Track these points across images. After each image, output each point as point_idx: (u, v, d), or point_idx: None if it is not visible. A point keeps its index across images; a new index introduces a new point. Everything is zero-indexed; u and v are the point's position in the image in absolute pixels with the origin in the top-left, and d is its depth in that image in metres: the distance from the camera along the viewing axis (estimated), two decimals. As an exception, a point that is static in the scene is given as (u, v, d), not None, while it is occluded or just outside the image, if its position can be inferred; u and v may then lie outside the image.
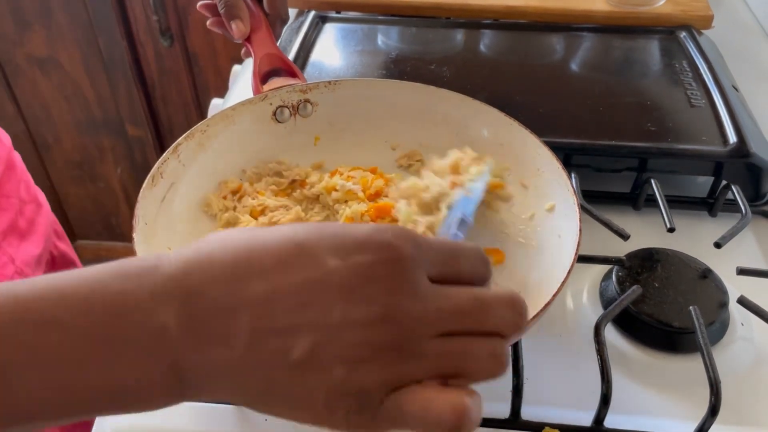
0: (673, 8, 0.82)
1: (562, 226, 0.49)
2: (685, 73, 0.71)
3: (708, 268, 0.52)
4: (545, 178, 0.52)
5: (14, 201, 0.69)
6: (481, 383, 0.29)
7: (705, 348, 0.45)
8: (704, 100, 0.66)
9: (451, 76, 0.71)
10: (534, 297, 0.45)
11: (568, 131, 0.62)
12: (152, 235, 0.47)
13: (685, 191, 0.62)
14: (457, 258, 0.31)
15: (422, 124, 0.59)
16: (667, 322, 0.48)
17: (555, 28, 0.81)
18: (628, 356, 0.49)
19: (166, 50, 1.43)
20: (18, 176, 0.71)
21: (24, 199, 0.71)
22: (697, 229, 0.60)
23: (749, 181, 0.60)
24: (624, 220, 0.55)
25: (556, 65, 0.75)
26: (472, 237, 0.53)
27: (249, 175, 0.57)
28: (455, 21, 0.83)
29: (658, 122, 0.63)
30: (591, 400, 0.45)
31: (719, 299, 0.50)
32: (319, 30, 0.79)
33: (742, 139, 0.60)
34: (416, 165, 0.59)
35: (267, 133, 0.58)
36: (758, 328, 0.50)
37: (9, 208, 0.68)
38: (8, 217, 0.67)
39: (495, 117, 0.56)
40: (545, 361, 0.49)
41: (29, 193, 0.73)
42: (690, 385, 0.47)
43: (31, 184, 0.74)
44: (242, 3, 0.63)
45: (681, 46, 0.76)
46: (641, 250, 0.54)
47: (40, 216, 0.73)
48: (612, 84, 0.71)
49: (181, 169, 0.53)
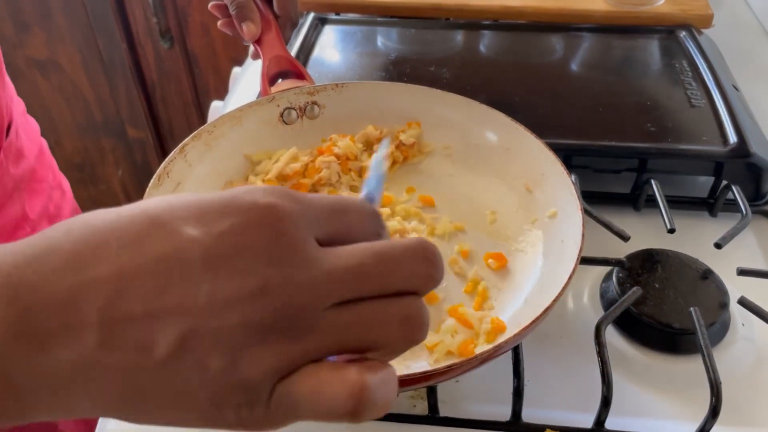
0: (672, 7, 0.81)
1: (565, 231, 0.49)
2: (685, 72, 0.71)
3: (708, 269, 0.52)
4: (550, 182, 0.52)
5: (46, 186, 0.70)
6: (398, 354, 0.25)
7: (705, 349, 0.45)
8: (704, 100, 0.66)
9: (450, 77, 0.71)
10: (536, 301, 0.45)
11: (567, 132, 0.62)
12: None
13: (686, 191, 0.62)
14: (344, 212, 0.26)
15: (427, 127, 0.60)
16: (667, 323, 0.48)
17: (554, 29, 0.81)
18: (628, 357, 0.49)
19: (166, 52, 1.43)
20: (48, 162, 0.73)
21: (52, 185, 0.72)
22: (698, 229, 0.60)
23: (750, 181, 0.60)
24: (624, 221, 0.55)
25: (555, 66, 0.75)
26: (475, 240, 0.53)
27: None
28: (454, 22, 0.83)
29: (658, 122, 0.63)
30: (592, 401, 0.45)
31: (720, 300, 0.50)
32: (318, 32, 0.80)
33: (742, 139, 0.60)
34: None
35: (274, 134, 0.58)
36: (759, 328, 0.50)
37: (42, 193, 0.70)
38: (42, 201, 0.69)
39: (500, 121, 0.56)
40: (546, 363, 0.49)
41: (56, 179, 0.74)
42: (691, 386, 0.47)
43: (56, 170, 0.76)
44: (253, 5, 0.63)
45: (681, 45, 0.76)
46: (641, 251, 0.54)
47: (65, 202, 0.75)
48: (612, 84, 0.71)
49: (187, 169, 0.53)
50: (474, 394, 0.48)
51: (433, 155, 0.59)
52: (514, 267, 0.51)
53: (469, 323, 0.46)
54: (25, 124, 0.70)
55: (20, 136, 0.67)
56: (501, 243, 0.53)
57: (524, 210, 0.54)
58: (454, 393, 0.48)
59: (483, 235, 0.54)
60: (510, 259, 0.51)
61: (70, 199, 0.77)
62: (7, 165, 0.64)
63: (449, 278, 0.51)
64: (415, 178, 0.58)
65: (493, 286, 0.50)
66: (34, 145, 0.70)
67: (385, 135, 0.60)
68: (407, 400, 0.47)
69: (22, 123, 0.69)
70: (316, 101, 0.59)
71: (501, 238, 0.53)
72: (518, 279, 0.50)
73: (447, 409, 0.46)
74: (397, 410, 0.47)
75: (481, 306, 0.48)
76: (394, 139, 0.59)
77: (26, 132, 0.69)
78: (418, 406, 0.47)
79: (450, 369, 0.40)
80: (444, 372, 0.40)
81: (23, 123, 0.69)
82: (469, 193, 0.57)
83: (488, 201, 0.56)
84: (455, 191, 0.57)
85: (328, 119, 0.60)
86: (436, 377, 0.41)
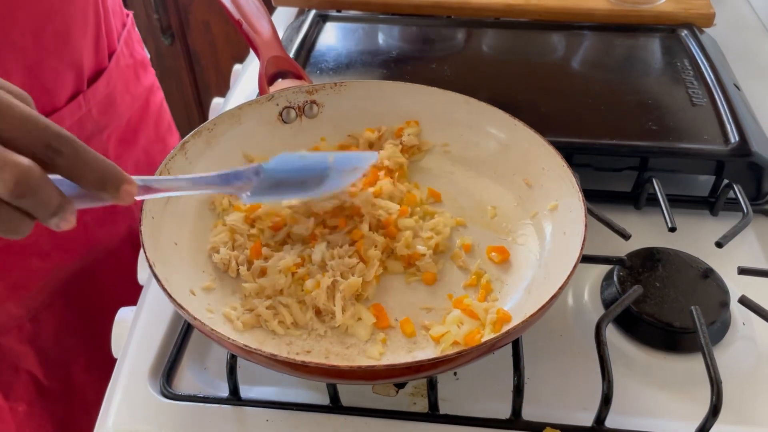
0: (674, 6, 0.81)
1: (567, 222, 0.49)
2: (686, 71, 0.71)
3: (709, 268, 0.52)
4: (550, 176, 0.53)
5: (142, 138, 0.78)
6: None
7: (706, 348, 0.45)
8: (706, 99, 0.66)
9: (451, 75, 0.71)
10: (539, 291, 0.46)
11: (569, 130, 0.62)
12: (158, 229, 0.48)
13: (687, 190, 0.62)
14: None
15: (426, 125, 0.60)
16: (668, 321, 0.48)
17: (556, 27, 0.81)
18: (629, 356, 0.49)
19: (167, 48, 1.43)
20: (152, 117, 0.80)
21: (151, 138, 0.80)
22: (699, 228, 0.60)
23: (751, 180, 0.60)
24: (625, 220, 0.55)
25: (557, 64, 0.75)
26: (476, 234, 0.53)
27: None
28: (456, 20, 0.83)
29: (660, 121, 0.63)
30: (592, 400, 0.45)
31: (720, 299, 0.50)
32: (319, 29, 0.79)
33: (743, 138, 0.60)
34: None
35: (273, 133, 0.58)
36: (759, 327, 0.50)
37: (136, 145, 0.77)
38: (133, 153, 0.77)
39: (500, 118, 0.56)
40: (546, 360, 0.50)
41: (158, 134, 0.82)
42: (691, 384, 0.47)
43: (161, 126, 0.83)
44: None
45: (682, 44, 0.76)
46: (642, 250, 0.54)
47: (163, 157, 0.85)
48: (613, 83, 0.71)
49: (188, 166, 0.53)
50: (474, 392, 0.48)
51: (432, 153, 0.60)
52: (516, 260, 0.51)
53: (474, 314, 0.46)
54: (127, 79, 0.74)
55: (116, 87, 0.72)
56: (502, 237, 0.53)
57: (524, 204, 0.54)
58: (454, 391, 0.48)
59: (484, 229, 0.54)
60: (512, 253, 0.51)
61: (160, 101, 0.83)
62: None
63: (453, 271, 0.51)
64: (416, 176, 0.58)
65: (496, 279, 0.50)
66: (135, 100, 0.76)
67: (384, 134, 0.60)
68: (407, 398, 0.47)
69: (131, 77, 0.75)
70: (315, 100, 0.59)
71: (502, 232, 0.53)
72: (521, 271, 0.50)
73: (447, 407, 0.46)
74: (398, 407, 0.47)
75: (486, 298, 0.48)
76: (395, 139, 0.59)
77: (127, 85, 0.74)
78: (418, 403, 0.47)
79: (459, 355, 0.40)
80: (453, 359, 0.40)
81: (132, 77, 0.75)
82: (470, 189, 0.57)
83: (488, 197, 0.56)
84: (455, 187, 0.57)
85: (327, 118, 0.60)
86: (446, 364, 0.41)
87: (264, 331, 0.46)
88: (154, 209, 0.48)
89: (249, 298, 0.48)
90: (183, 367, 0.50)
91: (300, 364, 0.40)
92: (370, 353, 0.45)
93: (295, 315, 0.47)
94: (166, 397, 0.48)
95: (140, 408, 0.47)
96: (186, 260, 0.49)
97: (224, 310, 0.46)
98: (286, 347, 0.45)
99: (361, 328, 0.46)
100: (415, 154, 0.59)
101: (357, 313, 0.47)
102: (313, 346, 0.45)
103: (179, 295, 0.43)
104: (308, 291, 0.47)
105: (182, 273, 0.47)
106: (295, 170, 0.49)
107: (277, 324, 0.46)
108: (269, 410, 0.46)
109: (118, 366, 0.51)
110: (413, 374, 0.42)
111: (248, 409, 0.47)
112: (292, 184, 0.48)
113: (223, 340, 0.40)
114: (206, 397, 0.48)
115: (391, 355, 0.45)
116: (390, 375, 0.41)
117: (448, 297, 0.49)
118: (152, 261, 0.44)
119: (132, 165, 0.76)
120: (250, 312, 0.47)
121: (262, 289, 0.48)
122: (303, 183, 0.49)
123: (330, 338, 0.46)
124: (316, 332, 0.46)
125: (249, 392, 0.48)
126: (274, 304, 0.47)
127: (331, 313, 0.47)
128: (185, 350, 0.51)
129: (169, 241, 0.48)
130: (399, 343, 0.46)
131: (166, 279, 0.43)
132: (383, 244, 0.51)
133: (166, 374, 0.49)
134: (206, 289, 0.48)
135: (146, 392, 0.48)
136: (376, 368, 0.40)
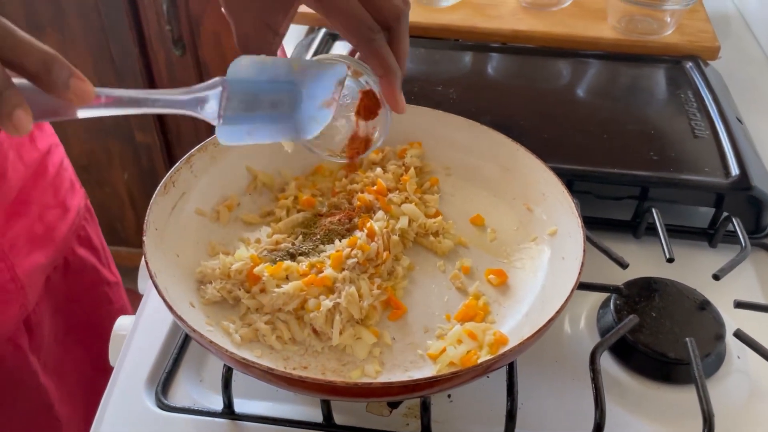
0: (680, 38, 0.82)
1: (566, 247, 0.49)
2: (689, 103, 0.71)
3: (706, 300, 0.53)
4: (550, 202, 0.53)
5: (35, 207, 0.68)
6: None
7: (699, 380, 0.45)
8: (708, 131, 0.67)
9: (457, 98, 0.72)
10: (537, 315, 0.46)
11: (571, 157, 0.63)
12: (161, 240, 0.49)
13: (686, 221, 0.63)
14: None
15: (428, 148, 0.60)
16: (662, 352, 0.49)
17: (562, 54, 0.81)
18: (623, 385, 0.49)
19: (177, 59, 1.44)
20: (48, 181, 0.70)
21: (49, 204, 0.70)
22: (697, 259, 0.60)
23: (750, 214, 0.60)
24: (623, 248, 0.56)
25: (561, 90, 0.76)
26: (475, 257, 0.53)
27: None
28: (463, 43, 0.84)
29: (661, 151, 0.64)
30: (585, 426, 0.45)
31: (716, 331, 0.50)
32: (329, 48, 0.80)
33: (744, 172, 0.60)
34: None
35: (276, 149, 0.58)
36: (754, 361, 0.50)
37: (28, 215, 0.67)
38: (25, 224, 0.67)
39: (501, 142, 0.57)
40: (540, 386, 0.50)
41: (56, 198, 0.72)
42: (684, 416, 0.47)
43: (61, 189, 0.73)
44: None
45: (687, 76, 0.77)
46: (640, 279, 0.54)
47: (64, 222, 0.72)
48: (616, 111, 0.72)
49: (192, 179, 0.54)
50: (467, 415, 0.48)
51: (434, 174, 0.60)
52: (514, 283, 0.51)
53: (473, 334, 0.46)
54: (20, 145, 0.66)
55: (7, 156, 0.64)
56: (501, 260, 0.53)
57: (524, 228, 0.55)
58: (447, 413, 0.48)
59: (483, 252, 0.54)
60: (510, 276, 0.52)
61: (73, 218, 0.74)
62: None
63: (451, 293, 0.51)
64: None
65: (494, 301, 0.50)
66: (26, 167, 0.67)
67: (387, 154, 0.60)
68: (401, 418, 0.47)
69: (15, 143, 0.66)
70: None
71: (501, 255, 0.54)
72: (518, 295, 0.50)
73: (440, 429, 0.46)
74: (391, 428, 0.47)
75: (483, 320, 0.49)
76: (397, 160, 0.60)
77: (19, 153, 0.66)
78: (411, 424, 0.47)
79: (455, 375, 0.40)
80: (449, 379, 0.40)
81: (16, 143, 0.66)
82: (470, 211, 0.57)
83: (488, 220, 0.57)
84: (456, 210, 0.58)
85: (330, 137, 0.60)
86: (442, 384, 0.41)
87: (262, 346, 0.46)
88: (158, 221, 0.49)
89: (248, 313, 0.48)
90: (179, 378, 0.50)
91: (297, 378, 0.40)
92: (366, 371, 0.45)
93: (293, 331, 0.47)
94: (160, 408, 0.48)
95: (134, 418, 0.47)
96: (187, 272, 0.49)
97: (223, 323, 0.47)
98: (283, 362, 0.45)
99: (359, 348, 0.47)
100: (417, 176, 0.60)
101: (357, 333, 0.47)
102: (310, 362, 0.46)
103: (179, 307, 0.43)
104: (309, 310, 0.47)
105: (183, 285, 0.48)
106: (261, 82, 0.45)
107: (275, 339, 0.46)
108: (262, 425, 0.47)
109: (115, 375, 0.51)
110: (409, 393, 0.42)
111: (242, 424, 0.47)
112: (264, 106, 0.45)
113: (222, 352, 0.41)
114: (200, 410, 0.48)
115: (387, 373, 0.45)
116: (386, 393, 0.42)
117: (446, 317, 0.49)
118: (153, 271, 0.44)
119: (25, 239, 0.66)
120: (248, 326, 0.47)
121: (261, 306, 0.48)
122: (275, 103, 0.45)
123: (327, 355, 0.46)
124: (314, 348, 0.47)
125: (243, 406, 0.48)
126: (272, 320, 0.47)
127: (327, 335, 0.47)
128: (182, 362, 0.51)
129: (171, 253, 0.49)
130: (395, 362, 0.46)
131: (166, 289, 0.44)
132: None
133: (162, 385, 0.49)
134: (206, 302, 0.48)
135: (141, 402, 0.48)
136: (372, 386, 0.41)
